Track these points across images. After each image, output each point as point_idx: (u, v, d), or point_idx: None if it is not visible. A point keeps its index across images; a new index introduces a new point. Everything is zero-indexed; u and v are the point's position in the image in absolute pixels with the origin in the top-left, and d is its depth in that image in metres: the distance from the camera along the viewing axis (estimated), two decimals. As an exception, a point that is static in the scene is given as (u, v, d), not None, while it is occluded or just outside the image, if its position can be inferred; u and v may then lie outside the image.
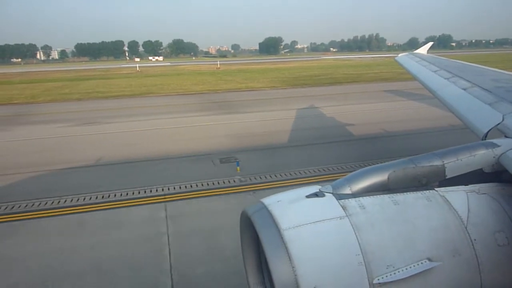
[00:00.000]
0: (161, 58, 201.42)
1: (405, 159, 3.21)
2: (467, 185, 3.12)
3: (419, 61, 11.02)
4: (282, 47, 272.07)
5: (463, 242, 2.78)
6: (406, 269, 2.59)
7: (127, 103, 32.75)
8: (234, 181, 11.98)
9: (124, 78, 61.58)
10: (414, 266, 2.60)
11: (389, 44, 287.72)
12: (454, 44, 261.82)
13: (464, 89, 6.54)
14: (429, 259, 2.66)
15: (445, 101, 6.80)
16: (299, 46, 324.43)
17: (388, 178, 3.02)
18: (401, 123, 19.94)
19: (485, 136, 4.55)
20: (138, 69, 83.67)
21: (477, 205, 2.98)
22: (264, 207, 2.79)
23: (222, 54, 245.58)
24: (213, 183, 11.82)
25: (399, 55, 13.55)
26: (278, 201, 2.84)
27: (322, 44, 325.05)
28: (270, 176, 12.28)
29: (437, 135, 17.26)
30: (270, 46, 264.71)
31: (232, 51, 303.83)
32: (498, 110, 5.04)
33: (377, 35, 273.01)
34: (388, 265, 2.58)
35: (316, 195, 2.88)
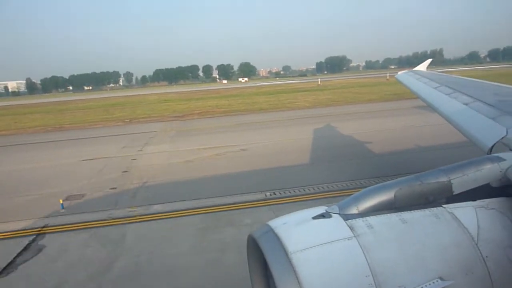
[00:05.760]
0: (247, 79, 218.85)
1: (411, 176, 3.17)
2: (475, 200, 3.07)
3: (419, 78, 10.92)
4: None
5: (475, 260, 2.71)
6: None
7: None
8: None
9: (349, 87, 69.01)
10: (426, 286, 2.54)
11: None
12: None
13: (466, 104, 6.55)
14: (441, 278, 2.59)
15: (447, 117, 6.79)
16: (353, 64, 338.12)
17: (394, 196, 2.98)
18: None
19: (490, 150, 4.56)
20: (319, 82, 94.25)
21: (487, 220, 2.93)
22: (271, 230, 2.76)
23: (302, 74, 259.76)
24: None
25: (399, 73, 13.40)
26: (284, 223, 2.83)
27: (377, 61, 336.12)
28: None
29: None
30: (335, 65, 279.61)
31: (282, 72, 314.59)
32: (502, 124, 5.05)
33: (440, 50, 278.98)
34: (399, 286, 2.52)
35: (322, 216, 2.85)
